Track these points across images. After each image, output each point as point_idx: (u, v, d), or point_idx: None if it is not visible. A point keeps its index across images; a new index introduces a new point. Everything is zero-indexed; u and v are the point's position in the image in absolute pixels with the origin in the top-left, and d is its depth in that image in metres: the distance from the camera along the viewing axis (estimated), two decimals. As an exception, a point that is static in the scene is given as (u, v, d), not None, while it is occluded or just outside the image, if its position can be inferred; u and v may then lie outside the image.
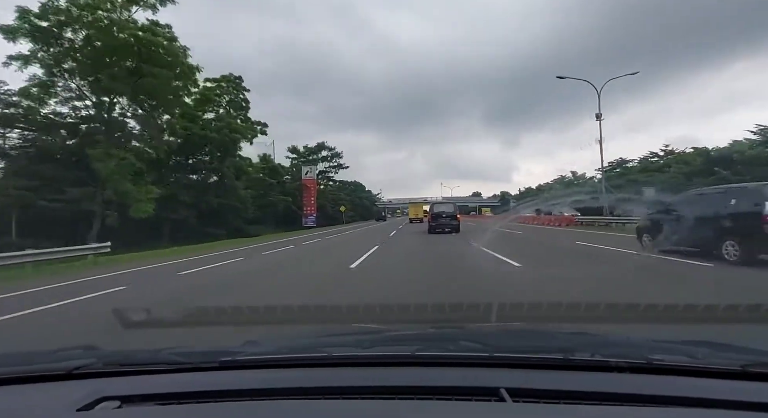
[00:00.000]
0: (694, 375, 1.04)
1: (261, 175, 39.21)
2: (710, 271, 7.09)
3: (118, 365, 1.20)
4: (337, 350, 1.33)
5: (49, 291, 7.27)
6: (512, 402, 0.92)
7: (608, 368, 1.08)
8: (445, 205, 23.12)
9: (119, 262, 12.54)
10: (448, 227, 20.55)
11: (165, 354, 1.27)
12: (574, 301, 4.33)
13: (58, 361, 1.25)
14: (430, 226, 21.27)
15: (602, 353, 1.19)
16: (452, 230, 20.36)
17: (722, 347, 1.39)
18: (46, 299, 6.36)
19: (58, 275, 9.80)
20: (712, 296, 5.30)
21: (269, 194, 37.78)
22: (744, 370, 1.03)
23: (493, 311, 3.65)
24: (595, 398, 0.95)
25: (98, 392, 1.01)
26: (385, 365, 1.17)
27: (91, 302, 6.08)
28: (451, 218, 20.88)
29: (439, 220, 20.98)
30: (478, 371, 1.11)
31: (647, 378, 1.03)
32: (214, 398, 1.00)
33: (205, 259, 12.18)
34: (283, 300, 5.50)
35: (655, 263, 8.30)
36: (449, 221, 20.75)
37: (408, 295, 5.52)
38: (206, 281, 7.86)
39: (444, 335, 1.82)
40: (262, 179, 38.82)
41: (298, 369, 1.18)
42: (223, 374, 1.16)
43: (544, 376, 1.07)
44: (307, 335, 2.18)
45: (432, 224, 21.17)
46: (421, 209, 49.01)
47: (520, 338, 1.73)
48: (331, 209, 49.28)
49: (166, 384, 1.09)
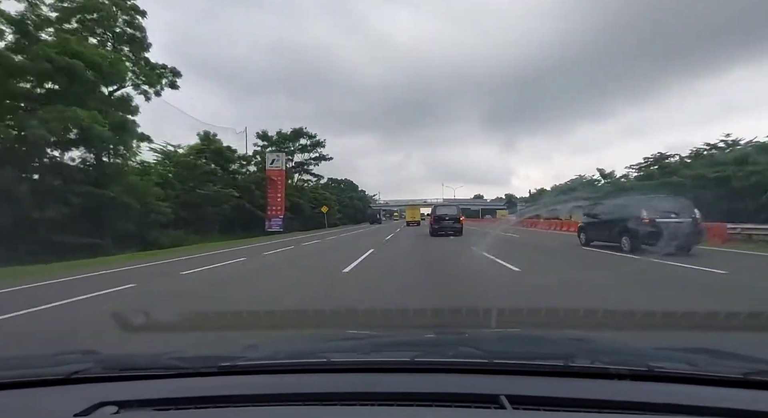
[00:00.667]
0: (695, 383, 1.03)
1: (191, 159, 26.77)
2: (612, 256, 10.81)
3: (117, 369, 1.19)
4: (337, 356, 1.33)
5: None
6: (512, 409, 0.92)
7: (608, 376, 1.07)
8: (448, 208, 22.97)
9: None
10: (450, 230, 20.41)
11: (164, 359, 1.26)
12: (572, 307, 4.34)
13: (56, 365, 1.25)
14: (433, 229, 21.10)
15: (602, 360, 1.19)
16: (455, 233, 20.22)
17: (722, 354, 1.39)
18: None
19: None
20: (609, 269, 8.59)
21: (205, 186, 25.73)
22: (745, 378, 1.02)
23: (492, 316, 3.65)
24: (596, 405, 0.94)
25: (96, 397, 1.00)
26: (384, 371, 1.17)
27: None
28: (454, 221, 20.77)
29: (442, 223, 20.84)
30: (478, 378, 1.11)
31: (648, 386, 1.03)
32: (213, 403, 1.00)
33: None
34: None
35: (582, 252, 12.31)
36: (452, 224, 20.62)
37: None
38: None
39: (443, 341, 1.81)
40: (193, 164, 26.38)
41: (297, 375, 1.18)
42: (223, 379, 1.15)
43: (544, 383, 1.06)
44: (307, 340, 2.18)
45: (435, 226, 21.00)
46: (418, 212, 47.68)
47: (520, 345, 1.72)
48: (311, 210, 40.63)
49: (165, 389, 1.08)
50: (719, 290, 6.01)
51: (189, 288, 7.16)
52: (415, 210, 47.76)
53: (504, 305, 4.88)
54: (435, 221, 21.21)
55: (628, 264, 9.32)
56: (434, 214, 21.77)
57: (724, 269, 7.82)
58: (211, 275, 8.69)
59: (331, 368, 1.20)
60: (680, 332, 3.45)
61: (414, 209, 48.06)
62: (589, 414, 0.92)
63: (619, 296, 5.65)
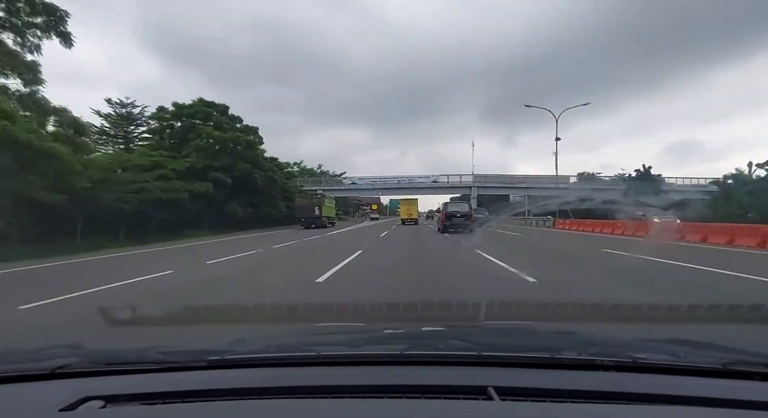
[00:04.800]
0: (678, 373, 1.06)
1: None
2: (460, 236, 16.98)
3: (103, 364, 1.18)
4: (326, 349, 1.33)
5: None
6: (500, 401, 0.93)
7: (594, 367, 1.10)
8: (459, 205, 22.99)
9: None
10: (461, 227, 20.17)
11: (152, 353, 1.25)
12: (560, 300, 4.40)
13: (40, 360, 1.23)
14: (444, 226, 20.97)
15: (588, 352, 1.21)
16: (465, 229, 19.93)
17: (704, 345, 1.43)
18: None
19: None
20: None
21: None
22: (725, 368, 1.05)
23: (482, 310, 3.68)
24: (582, 396, 0.96)
25: (82, 392, 0.99)
26: (374, 364, 1.17)
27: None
28: (465, 218, 20.81)
29: (453, 220, 20.83)
30: (467, 370, 1.12)
31: (632, 376, 1.05)
32: (202, 397, 0.99)
33: None
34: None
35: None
36: (463, 221, 20.54)
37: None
38: None
39: (433, 334, 1.83)
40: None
41: (286, 368, 1.18)
42: (211, 373, 1.15)
43: (532, 374, 1.08)
44: (296, 334, 2.17)
45: (446, 223, 20.90)
46: (415, 208, 37.70)
47: (508, 337, 1.74)
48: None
49: (153, 384, 1.07)
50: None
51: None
52: (411, 205, 37.40)
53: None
54: (446, 217, 21.25)
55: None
56: (445, 211, 22.00)
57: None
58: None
59: (320, 362, 1.20)
60: (664, 325, 3.53)
61: (410, 205, 37.45)
62: (575, 404, 0.94)
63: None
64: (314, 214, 29.53)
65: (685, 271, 7.51)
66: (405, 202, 38.27)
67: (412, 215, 35.89)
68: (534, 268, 7.51)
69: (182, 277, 7.96)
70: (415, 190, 47.62)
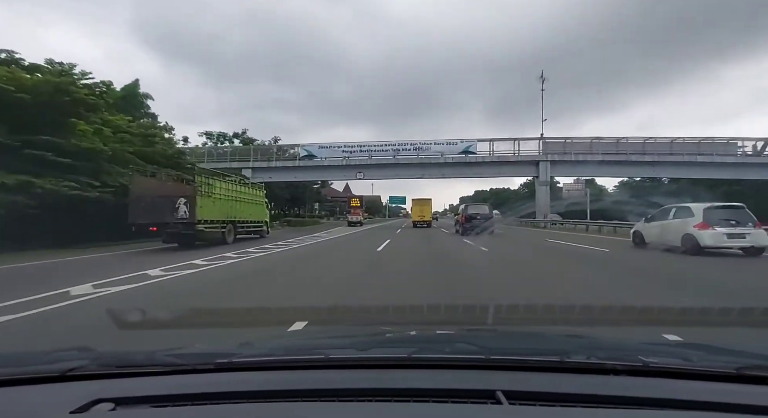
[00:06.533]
0: (690, 378, 1.05)
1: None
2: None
3: (113, 366, 1.19)
4: (333, 352, 1.33)
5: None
6: (508, 404, 0.92)
7: (604, 371, 1.08)
8: (480, 207, 23.04)
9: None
10: (481, 229, 20.14)
11: (160, 356, 1.26)
12: (568, 303, 4.36)
13: (52, 362, 1.24)
14: (464, 227, 20.87)
15: (598, 356, 1.20)
16: (485, 231, 19.97)
17: (717, 350, 1.41)
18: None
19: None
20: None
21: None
22: (739, 373, 1.04)
23: (489, 313, 3.66)
24: (591, 400, 0.95)
25: (93, 394, 1.00)
26: (382, 367, 1.17)
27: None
28: (486, 220, 20.77)
29: (473, 221, 20.81)
30: (475, 374, 1.11)
31: (643, 381, 1.04)
32: (210, 400, 1.00)
33: None
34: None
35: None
36: (483, 223, 20.50)
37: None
38: None
39: (440, 337, 1.82)
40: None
41: (293, 371, 1.18)
42: (219, 376, 1.15)
43: (540, 378, 1.07)
44: (304, 337, 2.18)
45: (465, 225, 20.81)
46: (428, 209, 34.19)
47: (516, 341, 1.73)
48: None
49: (162, 386, 1.08)
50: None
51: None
52: (424, 206, 33.88)
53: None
54: (467, 220, 21.17)
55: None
56: (466, 212, 21.97)
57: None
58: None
59: (328, 365, 1.20)
60: (675, 328, 3.48)
61: (422, 205, 33.91)
62: (584, 409, 0.93)
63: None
64: (175, 215, 13.22)
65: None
66: (417, 203, 34.54)
67: (424, 217, 33.27)
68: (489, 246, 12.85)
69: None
70: (427, 168, 34.61)
